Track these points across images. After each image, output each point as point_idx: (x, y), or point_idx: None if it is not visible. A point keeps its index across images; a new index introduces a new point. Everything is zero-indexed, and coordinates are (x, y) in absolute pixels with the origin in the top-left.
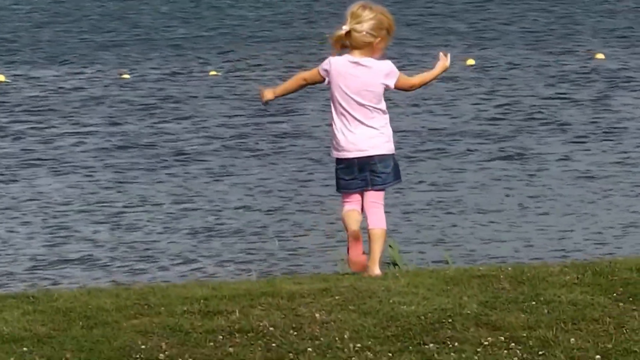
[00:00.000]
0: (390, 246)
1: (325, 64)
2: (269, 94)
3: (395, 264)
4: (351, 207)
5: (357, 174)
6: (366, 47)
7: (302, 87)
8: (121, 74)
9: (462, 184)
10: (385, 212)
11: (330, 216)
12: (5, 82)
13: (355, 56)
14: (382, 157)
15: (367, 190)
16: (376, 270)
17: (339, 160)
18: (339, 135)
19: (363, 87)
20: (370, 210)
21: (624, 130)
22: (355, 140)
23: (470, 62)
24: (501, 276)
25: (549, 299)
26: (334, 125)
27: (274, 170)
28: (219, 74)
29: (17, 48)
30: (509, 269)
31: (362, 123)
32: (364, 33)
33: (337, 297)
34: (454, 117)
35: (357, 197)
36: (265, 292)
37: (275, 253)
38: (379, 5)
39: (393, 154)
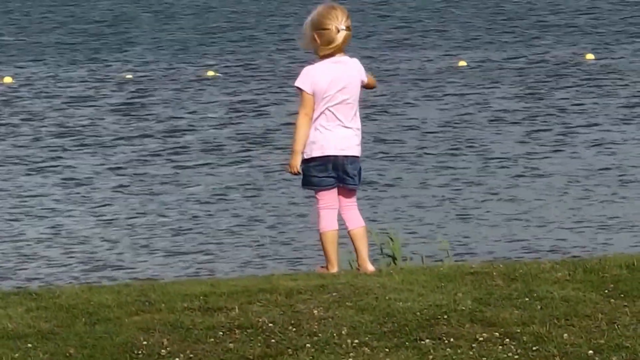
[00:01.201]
0: (391, 239)
1: (304, 78)
2: (297, 161)
3: (394, 258)
4: (329, 218)
5: (331, 172)
6: (347, 43)
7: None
8: (126, 75)
9: (455, 183)
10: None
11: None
12: (12, 83)
13: (338, 56)
14: (354, 159)
15: (341, 190)
16: (369, 267)
17: (313, 159)
18: (317, 134)
19: (349, 83)
20: (347, 214)
21: (610, 130)
22: (333, 139)
23: (462, 63)
24: (494, 273)
25: (541, 295)
26: (315, 126)
27: (255, 170)
28: (218, 74)
29: (24, 50)
30: (501, 266)
31: (341, 123)
32: (350, 29)
33: (334, 294)
34: (445, 116)
35: (333, 195)
36: (264, 288)
37: (267, 250)
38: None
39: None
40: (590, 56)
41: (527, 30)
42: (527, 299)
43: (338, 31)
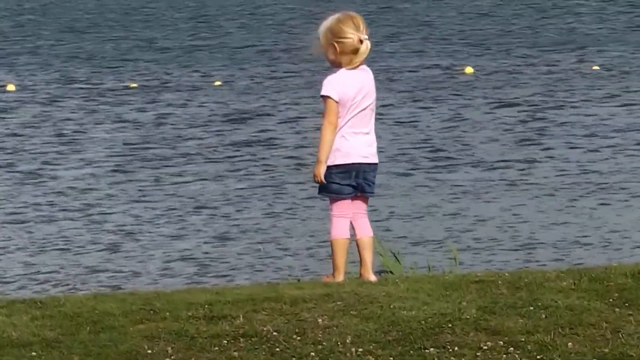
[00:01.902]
0: (391, 252)
1: (332, 86)
2: (321, 170)
3: (390, 272)
4: (342, 226)
5: (352, 180)
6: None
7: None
8: (130, 84)
9: (459, 191)
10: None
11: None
12: (14, 91)
13: (358, 65)
14: (375, 166)
15: (356, 198)
16: (371, 277)
17: (336, 166)
18: (342, 141)
19: (370, 89)
20: (358, 221)
21: (618, 140)
22: (358, 146)
23: (469, 70)
24: (499, 282)
25: (546, 304)
26: (340, 133)
27: (255, 178)
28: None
29: (26, 57)
30: (507, 274)
31: (363, 130)
32: (369, 39)
33: (339, 303)
34: (451, 125)
35: (349, 204)
36: (269, 297)
37: (269, 258)
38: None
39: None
40: (596, 67)
41: (534, 38)
42: (531, 308)
43: (361, 41)
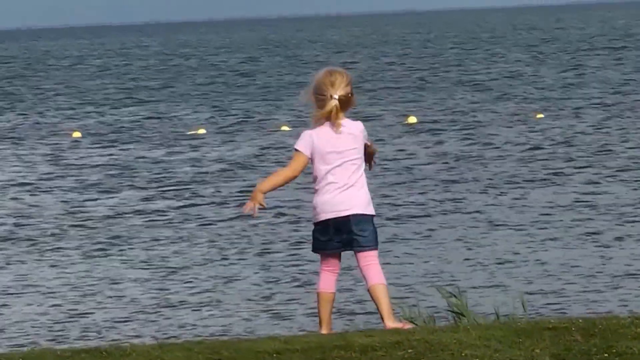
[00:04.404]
0: (454, 296)
1: (304, 142)
2: (253, 198)
3: (462, 315)
4: (328, 281)
5: (333, 236)
6: (348, 107)
7: (288, 182)
8: (196, 129)
9: (525, 237)
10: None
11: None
12: (80, 138)
13: (339, 119)
14: (360, 218)
15: (357, 252)
16: (389, 324)
17: (316, 223)
18: (317, 198)
19: (347, 146)
20: (366, 272)
21: None
22: (331, 202)
23: (540, 115)
24: (572, 328)
25: (621, 351)
26: (315, 190)
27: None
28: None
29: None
30: (580, 321)
31: (339, 184)
32: (349, 95)
33: (409, 351)
34: (516, 165)
35: (334, 261)
36: (338, 345)
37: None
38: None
39: (372, 216)
40: None
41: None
42: (606, 355)
43: (332, 98)
